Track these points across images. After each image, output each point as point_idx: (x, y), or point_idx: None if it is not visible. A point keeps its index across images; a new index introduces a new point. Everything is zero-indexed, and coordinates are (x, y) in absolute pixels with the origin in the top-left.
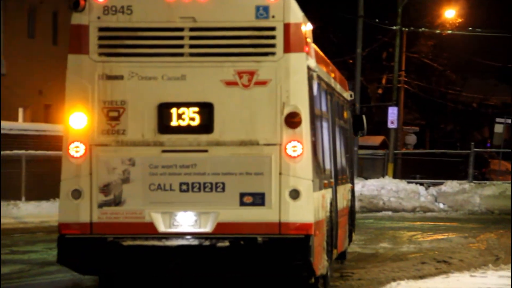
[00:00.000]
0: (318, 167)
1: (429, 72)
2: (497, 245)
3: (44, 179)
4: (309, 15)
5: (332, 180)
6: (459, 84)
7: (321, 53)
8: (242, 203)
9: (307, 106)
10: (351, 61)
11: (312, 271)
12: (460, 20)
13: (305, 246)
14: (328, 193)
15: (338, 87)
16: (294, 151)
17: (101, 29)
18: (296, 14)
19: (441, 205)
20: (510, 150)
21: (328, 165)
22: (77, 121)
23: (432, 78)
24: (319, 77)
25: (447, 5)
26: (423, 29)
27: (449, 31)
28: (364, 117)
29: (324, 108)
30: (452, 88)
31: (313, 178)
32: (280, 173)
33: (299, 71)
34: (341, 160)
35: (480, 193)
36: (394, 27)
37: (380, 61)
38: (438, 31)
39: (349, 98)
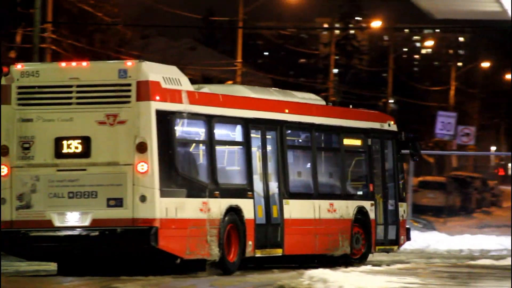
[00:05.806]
0: (177, 180)
1: (85, 26)
2: None
3: None
4: None
5: (251, 193)
6: (138, 46)
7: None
8: (108, 205)
9: (155, 137)
10: None
11: (166, 254)
12: None
13: (148, 234)
14: (216, 202)
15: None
16: (142, 169)
17: (19, 87)
18: (145, 74)
19: None
20: None
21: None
22: (3, 150)
23: (93, 35)
24: (191, 115)
25: None
26: None
27: None
28: (416, 143)
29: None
30: (127, 52)
31: (161, 188)
32: (133, 184)
33: (147, 114)
34: (297, 177)
35: None
36: None
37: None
38: None
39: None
